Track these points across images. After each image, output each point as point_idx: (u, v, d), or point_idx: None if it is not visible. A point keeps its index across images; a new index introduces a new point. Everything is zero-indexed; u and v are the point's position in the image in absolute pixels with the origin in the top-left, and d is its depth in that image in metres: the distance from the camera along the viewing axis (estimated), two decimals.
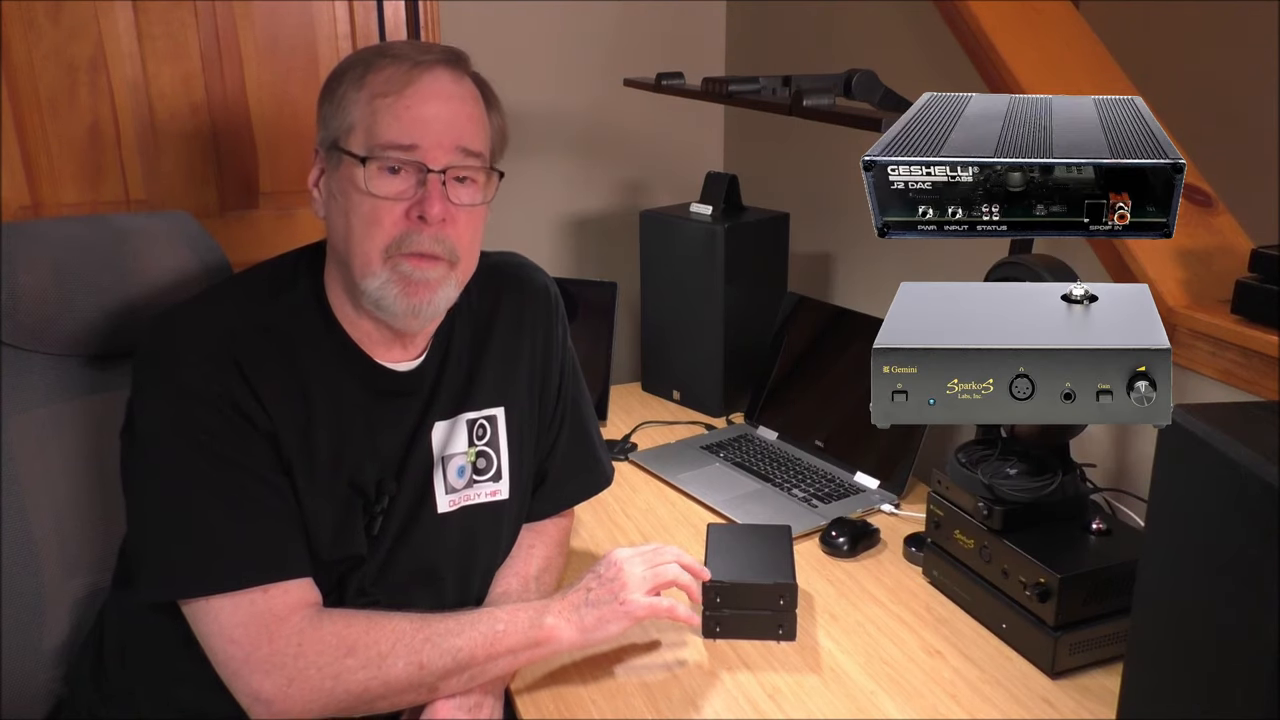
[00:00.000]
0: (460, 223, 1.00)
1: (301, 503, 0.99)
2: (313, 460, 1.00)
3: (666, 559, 1.11)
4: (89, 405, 1.18)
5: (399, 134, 0.96)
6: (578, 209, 2.12)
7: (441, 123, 0.97)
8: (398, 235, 0.97)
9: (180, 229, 1.24)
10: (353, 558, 1.03)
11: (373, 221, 0.97)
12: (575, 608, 1.05)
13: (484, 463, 1.13)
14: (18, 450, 1.13)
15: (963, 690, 1.08)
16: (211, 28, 1.57)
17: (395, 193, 0.97)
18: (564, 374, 1.23)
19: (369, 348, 1.04)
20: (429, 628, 0.99)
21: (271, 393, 0.98)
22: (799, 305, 1.77)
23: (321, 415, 1.00)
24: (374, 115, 0.96)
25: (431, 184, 0.97)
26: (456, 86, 1.00)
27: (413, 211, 0.97)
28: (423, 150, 0.96)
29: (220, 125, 1.62)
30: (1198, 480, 0.76)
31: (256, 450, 0.97)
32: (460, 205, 0.99)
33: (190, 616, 0.96)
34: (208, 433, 0.95)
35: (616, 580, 1.06)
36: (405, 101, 0.96)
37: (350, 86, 0.98)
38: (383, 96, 0.96)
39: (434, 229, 0.97)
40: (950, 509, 1.22)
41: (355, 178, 0.97)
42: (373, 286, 0.98)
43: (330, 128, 1.00)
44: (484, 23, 1.90)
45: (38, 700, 1.15)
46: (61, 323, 1.14)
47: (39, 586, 1.14)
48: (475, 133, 1.01)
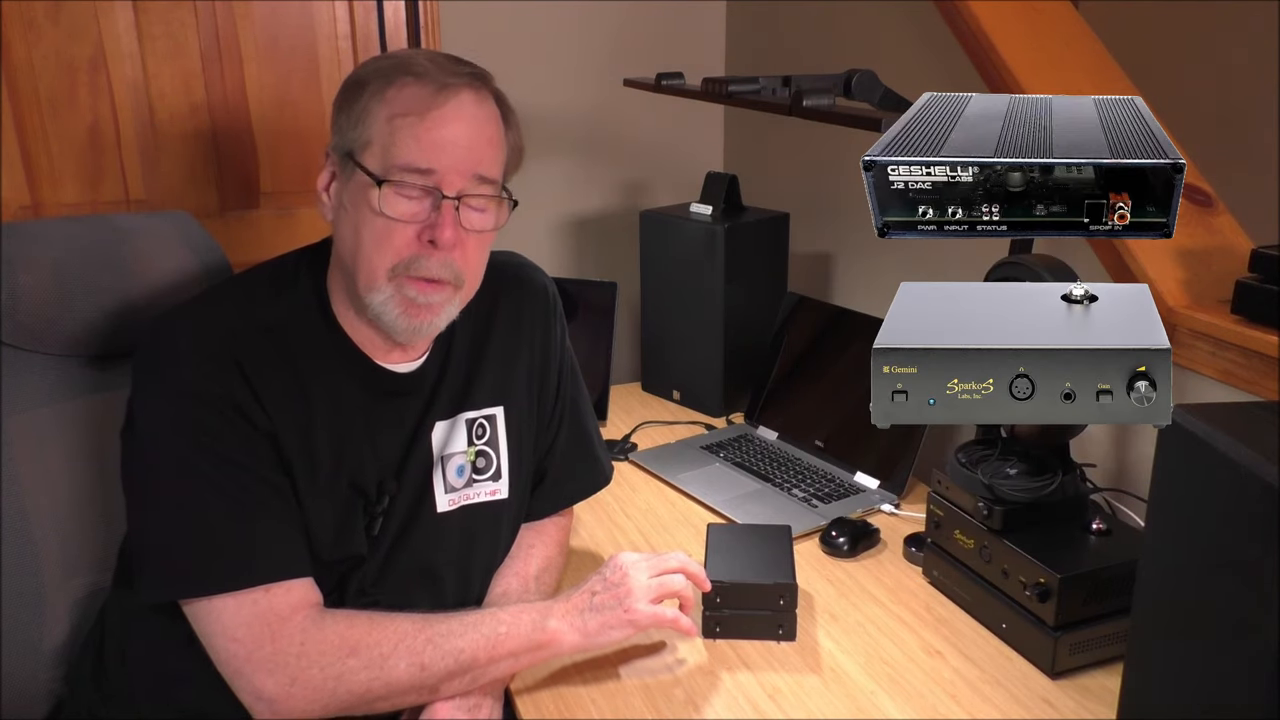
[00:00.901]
0: (469, 248, 1.00)
1: (302, 503, 0.99)
2: (313, 461, 1.00)
3: (672, 566, 1.11)
4: (89, 405, 1.18)
5: (417, 157, 0.95)
6: (578, 209, 2.12)
7: (460, 148, 0.97)
8: (407, 257, 0.97)
9: (180, 229, 1.24)
10: (353, 558, 1.03)
11: (383, 240, 0.96)
12: (579, 611, 1.04)
13: (483, 462, 1.13)
14: (18, 450, 1.13)
15: (963, 690, 1.08)
16: (211, 28, 1.58)
17: (408, 215, 0.96)
18: (563, 373, 1.23)
19: (370, 349, 1.04)
20: (431, 628, 0.99)
21: (272, 393, 0.98)
22: (799, 305, 1.77)
23: (322, 416, 1.00)
24: (393, 135, 0.95)
25: (445, 209, 0.96)
26: (478, 109, 0.99)
27: (424, 235, 0.97)
28: (439, 175, 0.96)
29: (220, 125, 1.62)
30: (1198, 480, 0.76)
31: (257, 451, 0.97)
32: (471, 231, 0.99)
33: (192, 616, 0.96)
34: (208, 433, 0.95)
35: (622, 586, 1.06)
36: (426, 124, 0.95)
37: (372, 100, 0.97)
38: (404, 116, 0.95)
39: (443, 254, 0.97)
40: (950, 509, 1.22)
41: (370, 197, 0.96)
42: (375, 301, 0.98)
43: (346, 137, 0.99)
44: (484, 23, 1.90)
45: (38, 700, 1.15)
46: (61, 323, 1.14)
47: (39, 586, 1.14)
48: (493, 157, 1.00)
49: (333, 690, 0.94)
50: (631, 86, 1.55)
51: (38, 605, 1.14)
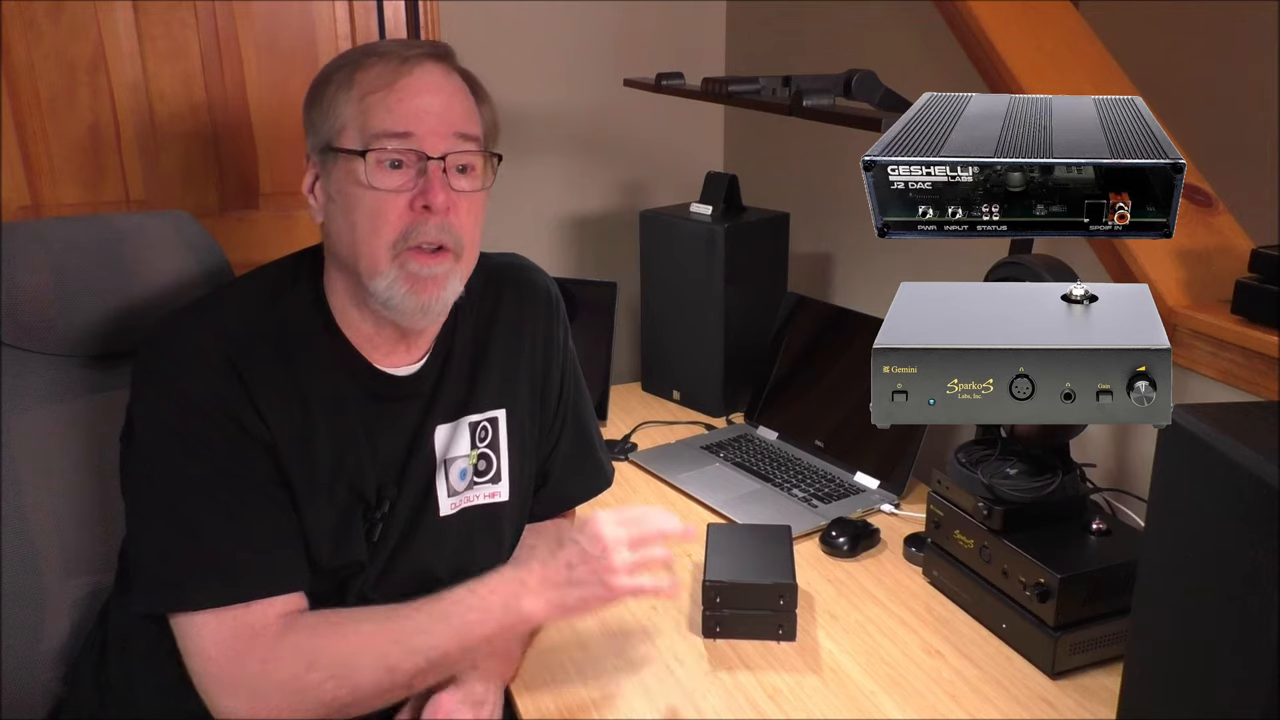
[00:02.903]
0: (463, 210, 1.00)
1: (301, 510, 0.99)
2: (312, 467, 1.00)
3: (651, 530, 1.02)
4: (89, 405, 1.18)
5: (394, 123, 0.96)
6: (578, 209, 2.12)
7: (435, 112, 0.97)
8: (404, 228, 0.97)
9: (180, 229, 1.24)
10: (353, 564, 1.03)
11: (377, 216, 0.96)
12: (556, 586, 0.99)
13: (484, 464, 1.13)
14: (18, 450, 1.13)
15: (963, 690, 1.08)
16: (211, 28, 1.58)
17: (397, 185, 0.96)
18: (565, 375, 1.23)
19: (370, 352, 1.04)
20: (397, 626, 0.96)
21: (270, 400, 0.97)
22: (799, 305, 1.77)
23: (321, 421, 1.00)
24: (366, 111, 0.96)
25: (432, 172, 0.96)
26: (445, 79, 1.00)
27: (416, 202, 0.97)
28: (419, 138, 0.96)
29: (220, 125, 1.62)
30: (1198, 480, 0.76)
31: (252, 460, 0.97)
32: (462, 192, 0.99)
33: (174, 628, 0.96)
34: (203, 442, 0.95)
35: (603, 560, 0.99)
36: (396, 93, 0.96)
37: (339, 89, 0.98)
38: (373, 92, 0.96)
39: (439, 218, 0.97)
40: (950, 509, 1.22)
41: (355, 172, 0.96)
42: (381, 286, 0.98)
43: (321, 132, 0.99)
44: (484, 23, 1.90)
45: (38, 700, 1.15)
46: (61, 323, 1.14)
47: (39, 586, 1.14)
48: (469, 119, 1.01)
49: (298, 706, 0.93)
50: (631, 86, 1.55)
51: (38, 605, 1.14)
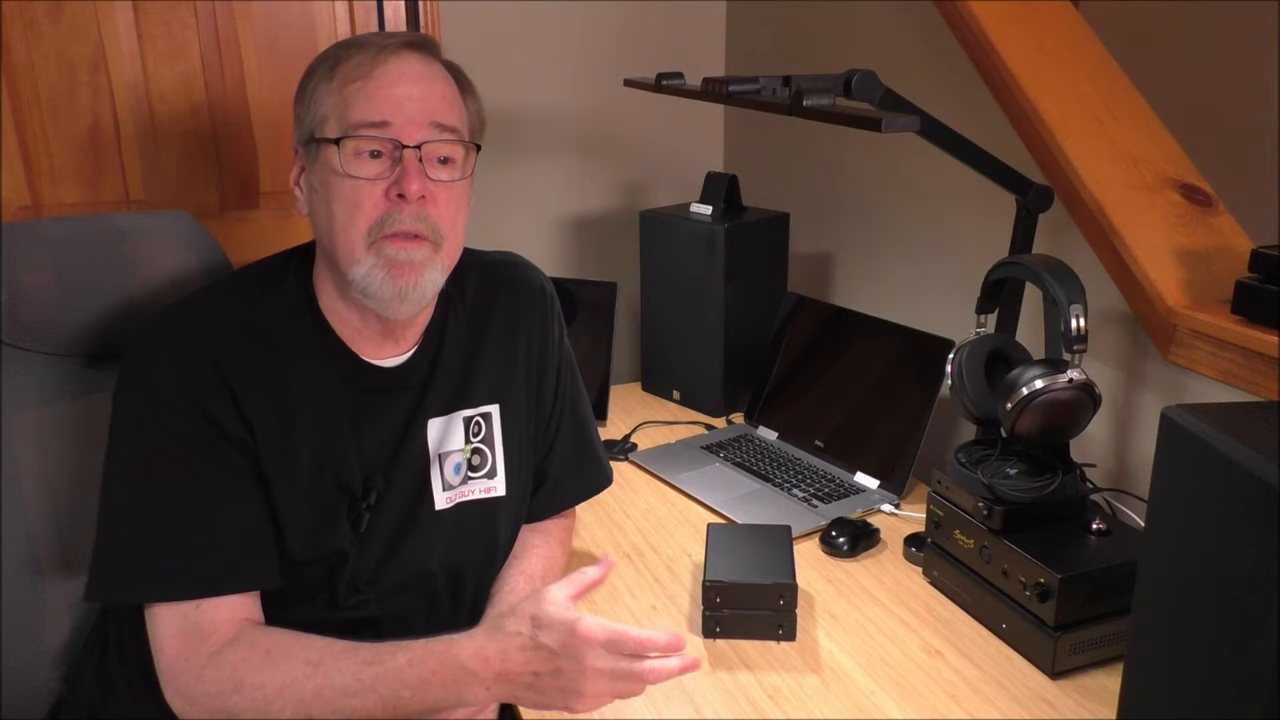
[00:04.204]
0: (441, 200, 0.99)
1: (278, 503, 0.99)
2: (294, 460, 1.00)
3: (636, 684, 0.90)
4: (89, 405, 1.18)
5: (370, 112, 0.96)
6: (578, 209, 2.12)
7: (413, 101, 0.98)
8: (379, 217, 0.97)
9: (180, 229, 1.24)
10: (336, 553, 1.02)
11: (354, 204, 0.97)
12: (509, 685, 0.90)
13: (479, 459, 1.13)
14: (18, 450, 1.13)
15: (963, 690, 1.08)
16: (211, 28, 1.57)
17: (373, 172, 0.97)
18: (561, 373, 1.23)
19: (358, 344, 1.05)
20: (324, 680, 0.91)
21: (251, 394, 0.98)
22: (799, 305, 1.77)
23: (305, 414, 1.01)
24: (345, 101, 0.97)
25: (408, 160, 0.96)
26: (425, 67, 1.00)
27: (392, 190, 0.97)
28: (395, 127, 0.96)
29: (220, 125, 1.62)
30: (1198, 480, 0.76)
31: (223, 459, 0.97)
32: (439, 182, 0.99)
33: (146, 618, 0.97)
34: (170, 437, 0.95)
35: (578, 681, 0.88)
36: (375, 83, 0.97)
37: (320, 80, 0.99)
38: (353, 82, 0.97)
39: (414, 207, 0.97)
40: (950, 509, 1.22)
41: (332, 161, 0.97)
42: (359, 274, 0.98)
43: (305, 124, 1.01)
44: (484, 23, 1.90)
45: (38, 700, 1.15)
46: (61, 323, 1.14)
47: (39, 586, 1.14)
48: (448, 109, 1.01)
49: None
50: (631, 86, 1.55)
51: (38, 605, 1.14)
